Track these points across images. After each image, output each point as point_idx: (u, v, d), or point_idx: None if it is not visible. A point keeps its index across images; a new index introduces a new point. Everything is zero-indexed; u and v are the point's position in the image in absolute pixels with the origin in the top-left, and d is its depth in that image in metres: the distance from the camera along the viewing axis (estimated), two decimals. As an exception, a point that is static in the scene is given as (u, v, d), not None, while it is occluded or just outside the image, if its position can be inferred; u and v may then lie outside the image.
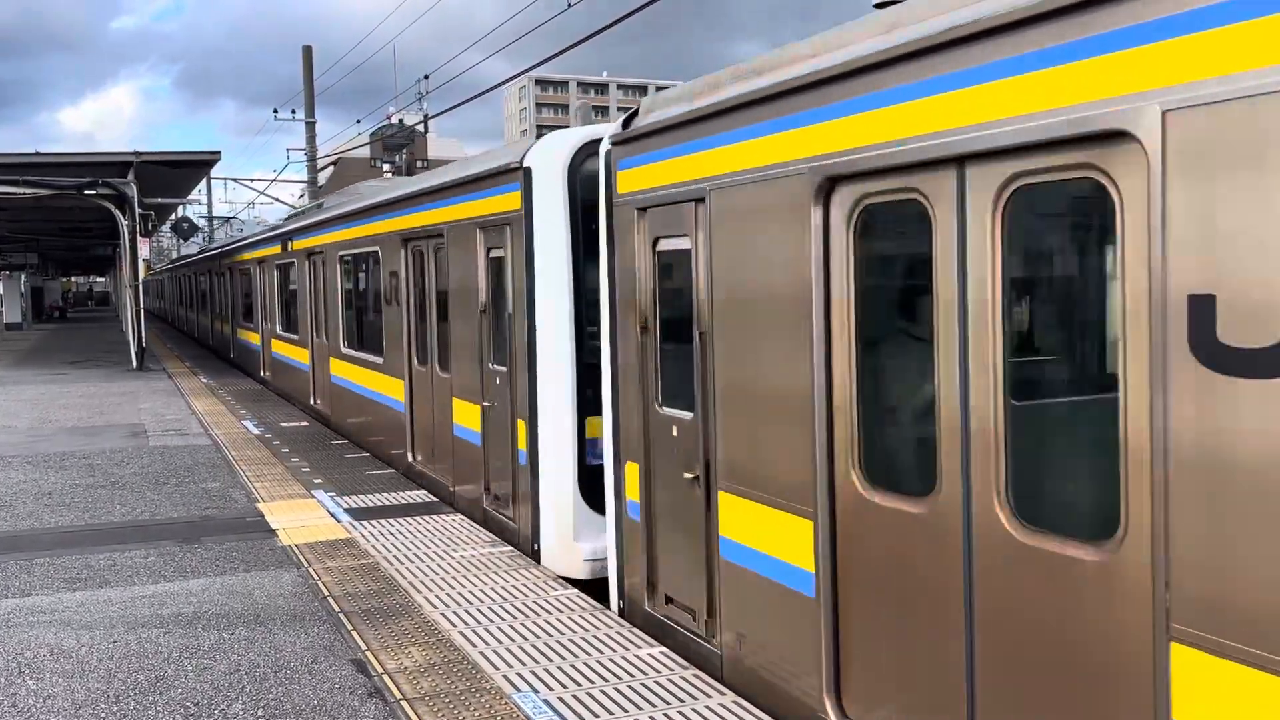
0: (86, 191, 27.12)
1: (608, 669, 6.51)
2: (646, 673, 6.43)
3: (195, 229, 44.56)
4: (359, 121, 51.73)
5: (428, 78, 38.13)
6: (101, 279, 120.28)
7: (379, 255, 13.60)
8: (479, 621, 7.45)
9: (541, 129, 15.80)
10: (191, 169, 30.09)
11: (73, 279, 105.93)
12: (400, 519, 10.61)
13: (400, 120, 40.23)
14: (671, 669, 6.47)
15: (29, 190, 26.53)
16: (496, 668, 6.58)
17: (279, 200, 52.20)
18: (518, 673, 6.49)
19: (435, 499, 11.50)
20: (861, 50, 4.86)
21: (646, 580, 7.27)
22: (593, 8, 18.50)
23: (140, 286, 29.82)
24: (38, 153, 27.35)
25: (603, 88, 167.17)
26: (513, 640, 7.06)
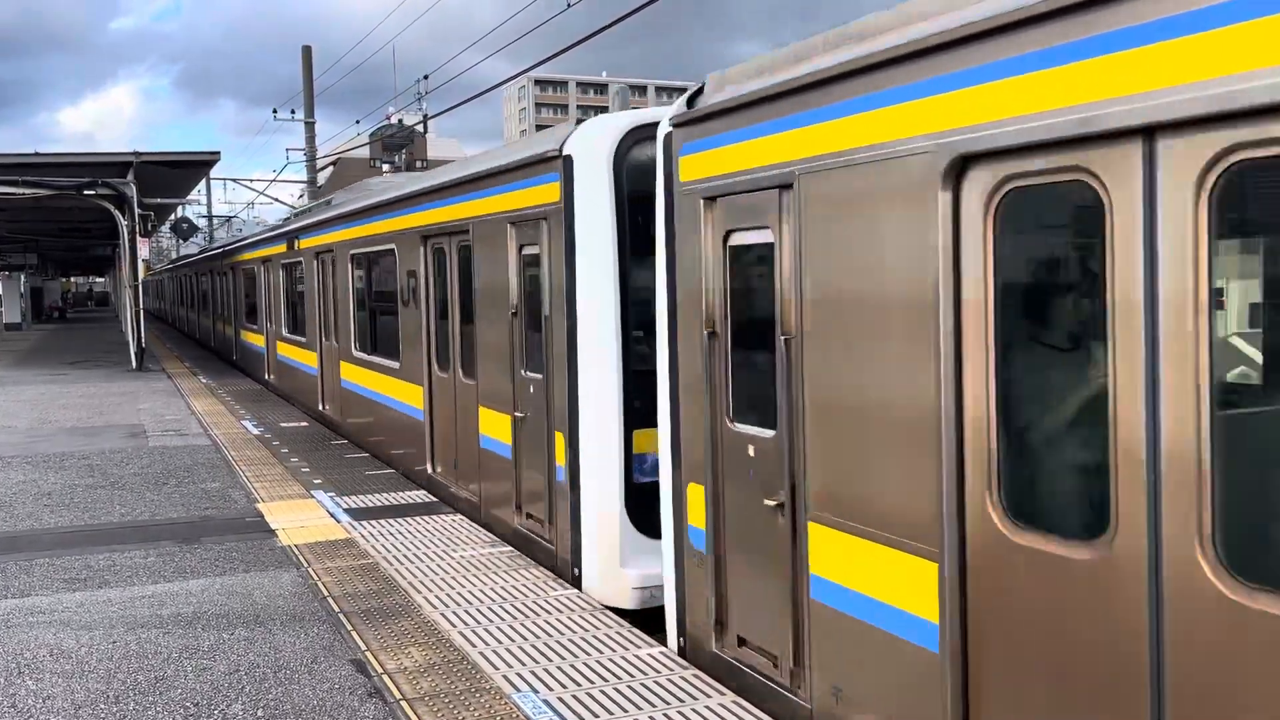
0: (86, 192, 27.12)
1: (608, 669, 6.50)
2: (646, 673, 6.43)
3: (195, 229, 44.54)
4: (358, 122, 51.87)
5: (427, 78, 38.11)
6: (101, 279, 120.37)
7: (395, 253, 12.87)
8: (479, 621, 7.45)
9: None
10: (191, 169, 30.09)
11: (72, 279, 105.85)
12: (400, 519, 10.61)
13: (400, 120, 40.31)
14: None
15: (28, 190, 26.54)
16: (496, 668, 6.58)
17: (278, 200, 52.18)
18: (517, 673, 6.49)
19: (435, 499, 11.51)
20: (1009, 3, 4.04)
21: (715, 618, 6.39)
22: (592, 8, 18.51)
23: (140, 287, 29.82)
24: (37, 153, 27.34)
25: (602, 88, 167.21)
26: (512, 640, 7.06)
